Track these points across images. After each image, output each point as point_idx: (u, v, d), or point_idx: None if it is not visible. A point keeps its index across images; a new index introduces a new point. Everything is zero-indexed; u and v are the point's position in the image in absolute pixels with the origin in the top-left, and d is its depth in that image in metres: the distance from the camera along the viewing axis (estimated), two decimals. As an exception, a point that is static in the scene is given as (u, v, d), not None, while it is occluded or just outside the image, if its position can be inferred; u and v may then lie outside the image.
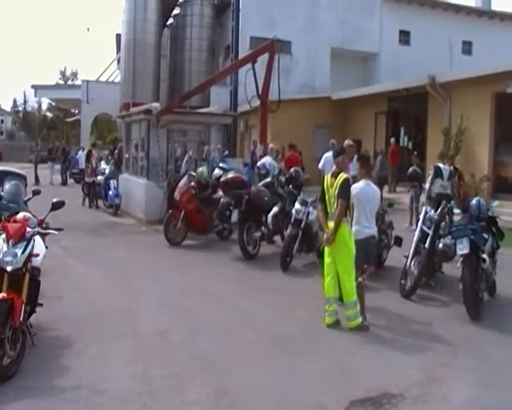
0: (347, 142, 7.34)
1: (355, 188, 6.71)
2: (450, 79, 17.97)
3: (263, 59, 15.50)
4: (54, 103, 58.19)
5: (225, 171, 12.18)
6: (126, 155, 17.00)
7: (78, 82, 54.90)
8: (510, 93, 16.02)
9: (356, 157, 7.84)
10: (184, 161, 13.91)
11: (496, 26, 31.89)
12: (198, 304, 7.25)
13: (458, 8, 31.82)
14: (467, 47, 32.02)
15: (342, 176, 6.33)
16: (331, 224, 6.33)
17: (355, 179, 6.93)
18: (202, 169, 11.74)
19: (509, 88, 15.82)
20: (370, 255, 6.81)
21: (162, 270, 9.11)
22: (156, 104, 14.18)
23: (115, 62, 35.25)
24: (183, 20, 29.69)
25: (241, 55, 18.68)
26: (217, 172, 12.52)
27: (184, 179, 11.47)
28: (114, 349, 5.63)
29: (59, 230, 5.87)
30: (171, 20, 31.04)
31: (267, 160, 11.76)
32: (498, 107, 16.57)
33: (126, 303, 7.22)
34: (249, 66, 15.18)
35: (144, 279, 8.46)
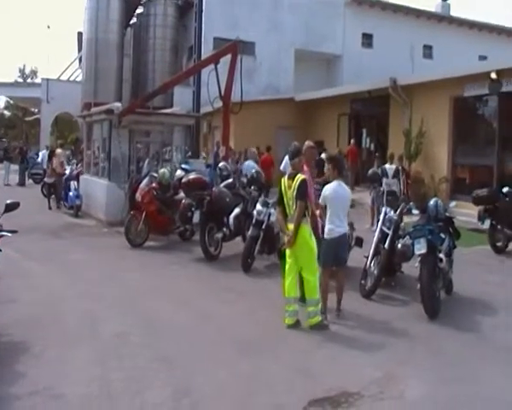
0: (308, 143, 7.35)
1: (327, 189, 6.84)
2: (411, 82, 18.33)
3: (226, 60, 15.49)
4: (12, 102, 56.81)
5: (187, 172, 12.11)
6: (87, 156, 16.73)
7: (37, 80, 53.83)
8: (467, 97, 16.46)
9: (326, 158, 7.89)
10: (146, 162, 13.77)
11: (455, 32, 32.65)
12: (159, 306, 7.19)
13: (419, 13, 32.44)
14: (428, 51, 32.69)
15: (299, 177, 6.38)
16: (291, 226, 6.37)
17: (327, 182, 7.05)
18: (164, 170, 11.65)
19: (466, 92, 16.24)
20: (343, 254, 6.91)
21: (123, 271, 9.00)
22: (118, 104, 14.02)
23: (77, 61, 34.70)
24: (147, 19, 29.50)
25: (204, 56, 18.59)
26: (179, 173, 12.43)
27: (146, 180, 11.36)
28: (72, 353, 5.52)
29: (13, 232, 5.72)
30: (134, 20, 30.78)
31: (249, 163, 11.76)
32: (456, 110, 16.98)
33: (85, 306, 7.09)
34: (212, 67, 15.14)
35: (104, 281, 8.34)
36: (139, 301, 7.37)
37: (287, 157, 8.41)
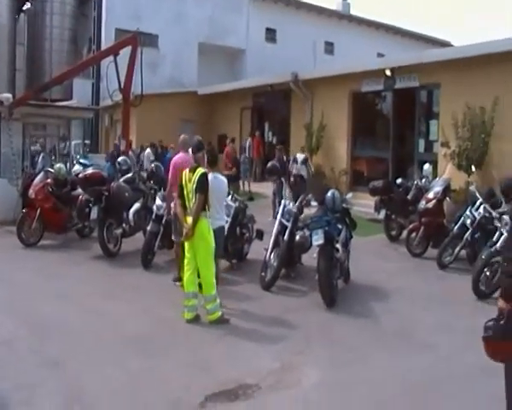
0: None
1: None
2: (312, 76, 18.69)
3: (128, 52, 15.09)
4: None
5: (85, 167, 11.65)
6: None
7: None
8: (365, 92, 17.09)
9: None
10: (41, 156, 13.09)
11: (354, 30, 33.79)
12: (50, 307, 6.83)
13: (321, 11, 33.27)
14: (329, 47, 33.63)
15: (200, 170, 6.34)
16: (190, 219, 6.29)
17: None
18: (60, 165, 11.12)
19: (363, 87, 16.86)
20: (219, 246, 6.86)
21: (12, 273, 8.44)
22: (8, 95, 13.20)
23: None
24: (42, 5, 27.97)
25: (104, 47, 17.99)
26: (77, 168, 11.95)
27: (40, 176, 10.79)
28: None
29: None
30: (28, 5, 29.05)
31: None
32: (355, 105, 17.55)
33: (-32, 311, 6.60)
34: (112, 58, 14.70)
35: (-9, 284, 7.80)
36: (28, 304, 6.95)
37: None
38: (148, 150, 19.47)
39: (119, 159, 11.46)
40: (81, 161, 13.10)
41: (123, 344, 5.69)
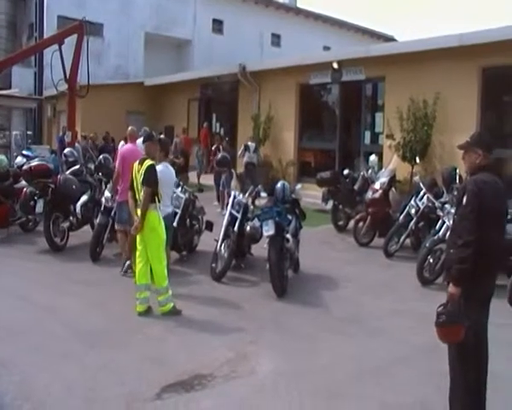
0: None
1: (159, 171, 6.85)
2: (259, 68, 18.80)
3: (72, 41, 14.70)
4: None
5: (29, 159, 11.29)
6: None
7: None
8: (313, 84, 17.31)
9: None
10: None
11: (301, 22, 34.01)
12: (-5, 305, 6.61)
13: (268, 3, 33.28)
14: (276, 39, 33.72)
15: (147, 162, 6.28)
16: (139, 211, 6.23)
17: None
18: (1, 157, 10.72)
19: (311, 80, 17.07)
20: (168, 232, 6.86)
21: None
22: None
23: None
24: (-26, -12, 26.72)
25: (46, 35, 17.42)
26: (19, 159, 11.55)
27: (-21, 169, 10.36)
28: None
29: None
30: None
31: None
32: (302, 97, 17.76)
33: None
34: (56, 47, 14.29)
35: None
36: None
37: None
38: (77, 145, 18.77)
39: (66, 150, 11.18)
40: (24, 152, 12.65)
41: (75, 340, 5.59)
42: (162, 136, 9.76)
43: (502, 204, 3.92)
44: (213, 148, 16.31)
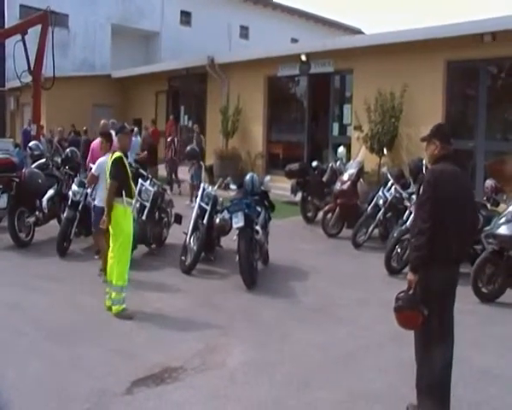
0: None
1: (101, 162, 7.11)
2: (228, 60, 18.72)
3: (36, 31, 14.40)
4: None
5: (-8, 153, 11.02)
6: None
7: None
8: (281, 77, 17.35)
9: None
10: None
11: (269, 15, 33.93)
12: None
13: (236, -5, 33.15)
14: (244, 31, 33.58)
15: (115, 155, 6.20)
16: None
17: None
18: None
19: (279, 72, 17.10)
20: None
21: None
22: None
23: None
24: None
25: (8, 25, 16.99)
26: (-18, 154, 11.26)
27: None
28: None
29: None
30: None
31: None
32: (271, 89, 17.79)
33: None
34: (19, 37, 13.99)
35: None
36: None
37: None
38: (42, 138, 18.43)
39: (31, 144, 10.95)
40: (-13, 146, 12.36)
41: (44, 336, 5.51)
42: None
43: (460, 193, 3.91)
44: (168, 139, 15.99)
